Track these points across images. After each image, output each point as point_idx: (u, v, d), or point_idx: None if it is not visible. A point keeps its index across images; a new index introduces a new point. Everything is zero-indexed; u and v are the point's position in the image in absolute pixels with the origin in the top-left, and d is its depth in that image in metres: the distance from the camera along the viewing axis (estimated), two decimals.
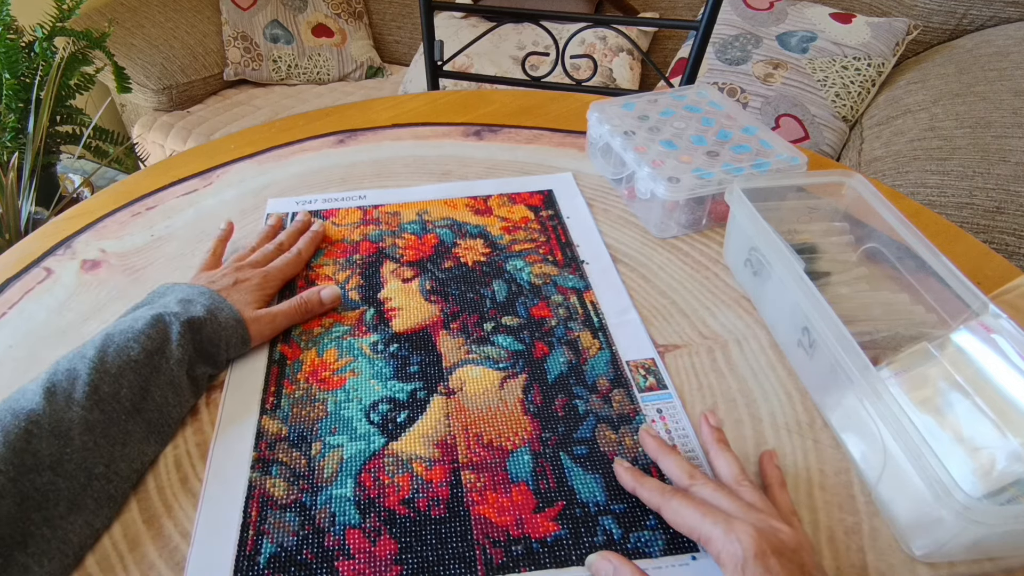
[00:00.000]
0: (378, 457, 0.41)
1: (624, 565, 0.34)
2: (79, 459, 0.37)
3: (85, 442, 0.37)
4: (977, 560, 0.35)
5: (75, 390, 0.38)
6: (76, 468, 0.36)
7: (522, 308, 0.51)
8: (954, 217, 0.98)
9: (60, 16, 1.48)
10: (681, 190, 0.54)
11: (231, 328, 0.45)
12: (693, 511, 0.34)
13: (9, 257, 0.58)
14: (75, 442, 0.37)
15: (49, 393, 0.37)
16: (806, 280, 0.42)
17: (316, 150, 0.72)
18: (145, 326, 0.42)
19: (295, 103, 1.88)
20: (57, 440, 0.36)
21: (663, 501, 0.36)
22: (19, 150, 1.40)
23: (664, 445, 0.40)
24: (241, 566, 0.36)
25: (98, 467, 0.37)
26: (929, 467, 0.32)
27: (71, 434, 0.37)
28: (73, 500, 0.36)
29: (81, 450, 0.37)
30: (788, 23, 1.47)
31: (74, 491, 0.36)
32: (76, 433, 0.37)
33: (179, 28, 1.87)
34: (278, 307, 0.49)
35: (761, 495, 0.35)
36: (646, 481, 0.38)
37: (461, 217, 0.61)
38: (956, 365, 0.40)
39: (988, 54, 1.26)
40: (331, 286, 0.51)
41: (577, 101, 0.81)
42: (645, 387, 0.45)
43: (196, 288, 0.47)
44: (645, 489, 0.37)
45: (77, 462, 0.37)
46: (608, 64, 1.64)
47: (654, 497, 0.36)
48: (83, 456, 0.37)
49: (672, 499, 0.35)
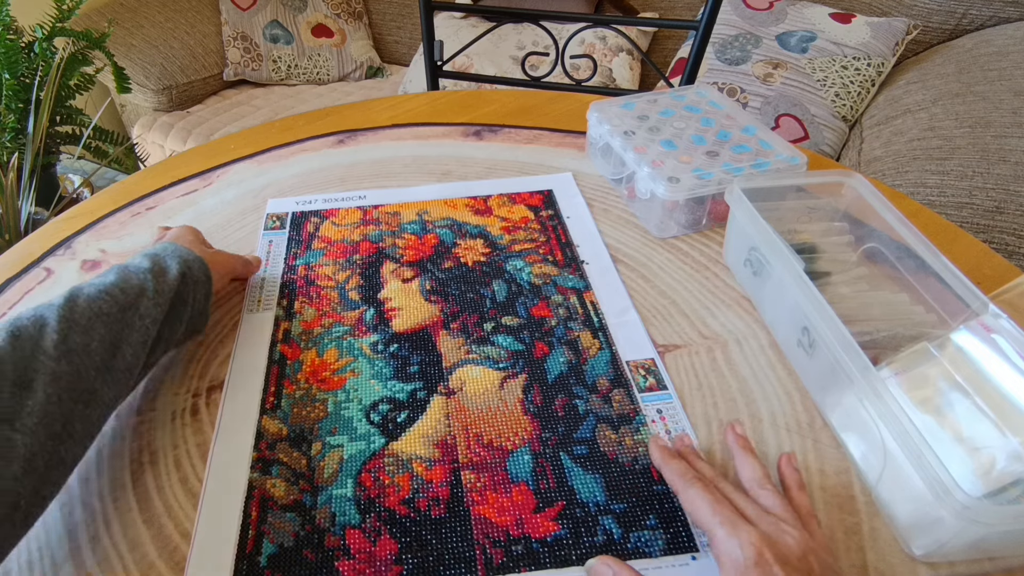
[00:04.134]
0: (378, 457, 0.41)
1: (623, 570, 0.33)
2: (40, 413, 0.33)
3: (49, 395, 0.33)
4: (977, 560, 0.35)
5: (43, 337, 0.35)
6: (36, 424, 0.33)
7: (522, 308, 0.51)
8: (954, 217, 0.98)
9: (60, 16, 1.48)
10: (681, 190, 0.54)
11: (196, 267, 0.45)
12: (707, 503, 0.34)
13: (9, 257, 0.58)
14: (38, 394, 0.33)
15: (13, 338, 0.34)
16: (806, 280, 0.42)
17: (316, 150, 0.72)
18: (117, 279, 0.40)
19: (295, 103, 1.88)
20: (19, 390, 0.33)
21: (683, 485, 0.36)
22: (19, 150, 1.40)
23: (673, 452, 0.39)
24: (241, 566, 0.36)
25: (55, 425, 0.34)
26: (929, 467, 0.32)
27: (34, 385, 0.33)
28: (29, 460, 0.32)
29: (44, 404, 0.33)
30: (788, 23, 1.47)
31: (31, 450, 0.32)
32: (40, 384, 0.33)
33: (179, 28, 1.87)
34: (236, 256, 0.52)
35: (781, 499, 0.35)
36: (674, 462, 0.38)
37: (461, 217, 0.61)
38: (956, 365, 0.40)
39: (988, 54, 1.26)
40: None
41: (577, 101, 0.81)
42: (645, 387, 0.45)
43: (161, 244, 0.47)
44: (670, 469, 0.37)
45: (38, 416, 0.33)
46: (608, 64, 1.64)
47: (676, 480, 0.36)
48: (44, 411, 0.33)
49: (692, 486, 0.35)
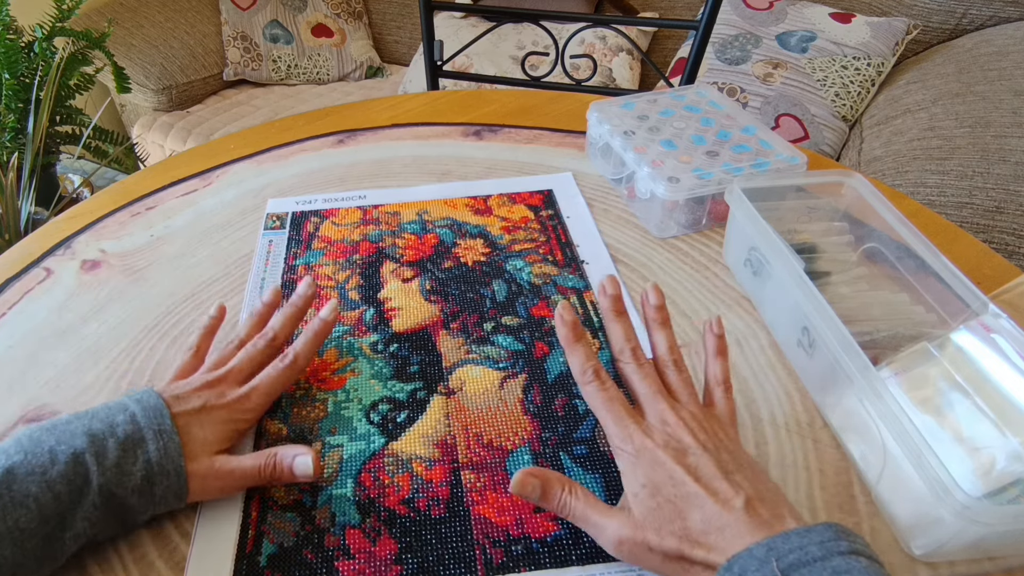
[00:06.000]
0: (378, 457, 0.41)
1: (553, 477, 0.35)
2: None
3: None
4: (977, 560, 0.35)
5: None
6: None
7: (522, 308, 0.51)
8: (954, 217, 0.98)
9: (60, 16, 1.48)
10: (681, 190, 0.54)
11: (167, 483, 0.35)
12: (600, 402, 0.36)
13: (9, 257, 0.58)
14: None
15: None
16: (806, 280, 0.42)
17: (316, 150, 0.72)
18: (58, 475, 0.32)
19: (295, 103, 1.88)
20: None
21: (583, 380, 0.37)
22: (19, 150, 1.40)
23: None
24: (241, 566, 0.36)
25: None
26: (929, 467, 0.32)
27: None
28: None
29: None
30: (788, 23, 1.47)
31: None
32: None
33: (179, 28, 1.87)
34: (240, 462, 0.37)
35: (682, 375, 0.38)
36: (578, 348, 0.38)
37: (461, 217, 0.61)
38: (956, 365, 0.40)
39: (988, 54, 1.26)
40: (306, 456, 0.37)
41: (577, 101, 0.81)
42: None
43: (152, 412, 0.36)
44: (572, 357, 0.38)
45: None
46: (608, 64, 1.64)
47: (576, 370, 0.38)
48: None
49: (591, 382, 0.37)
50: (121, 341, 0.49)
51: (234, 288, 0.54)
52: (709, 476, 0.32)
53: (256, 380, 0.41)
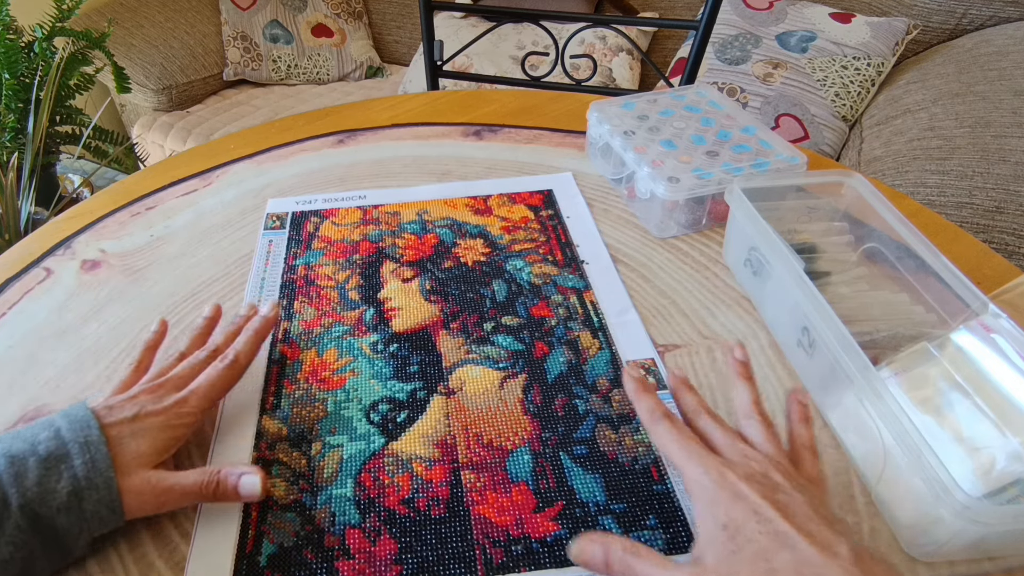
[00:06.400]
0: (378, 457, 0.41)
1: (613, 541, 0.31)
2: None
3: None
4: (977, 560, 0.35)
5: None
6: None
7: (522, 308, 0.51)
8: (954, 217, 0.98)
9: (60, 16, 1.48)
10: (681, 190, 0.54)
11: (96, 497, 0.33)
12: (673, 440, 0.32)
13: (9, 257, 0.58)
14: None
15: None
16: (806, 280, 0.42)
17: (316, 150, 0.72)
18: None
19: (295, 103, 1.88)
20: None
21: (652, 422, 0.34)
22: (19, 150, 1.40)
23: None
24: (241, 566, 0.36)
25: None
26: (929, 467, 0.32)
27: None
28: None
29: None
30: (788, 23, 1.47)
31: None
32: None
33: (179, 28, 1.87)
34: (179, 479, 0.36)
35: (766, 430, 0.33)
36: (645, 397, 0.35)
37: (461, 217, 0.61)
38: (956, 365, 0.40)
39: (988, 54, 1.26)
40: (254, 476, 0.36)
41: (577, 101, 0.81)
42: None
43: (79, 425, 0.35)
44: (640, 405, 0.35)
45: None
46: (608, 64, 1.64)
47: (644, 417, 0.35)
48: None
49: (660, 423, 0.33)
50: (121, 341, 0.49)
51: (234, 288, 0.54)
52: (804, 517, 0.27)
53: (195, 383, 0.39)
